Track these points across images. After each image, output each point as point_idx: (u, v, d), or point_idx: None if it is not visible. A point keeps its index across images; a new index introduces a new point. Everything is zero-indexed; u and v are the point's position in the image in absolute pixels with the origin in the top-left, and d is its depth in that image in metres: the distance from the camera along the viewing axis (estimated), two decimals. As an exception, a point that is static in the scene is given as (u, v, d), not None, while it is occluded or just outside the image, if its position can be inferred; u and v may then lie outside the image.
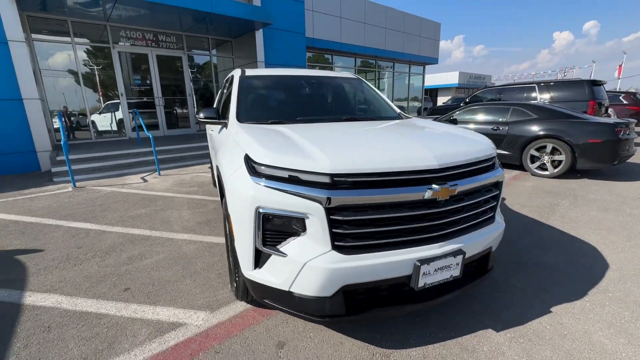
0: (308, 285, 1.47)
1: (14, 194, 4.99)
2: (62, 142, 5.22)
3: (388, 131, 2.16)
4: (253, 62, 9.67)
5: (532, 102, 7.53)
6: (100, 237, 3.31)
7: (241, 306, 2.13)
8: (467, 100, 11.02)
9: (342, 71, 3.40)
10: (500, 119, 6.19)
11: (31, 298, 2.26)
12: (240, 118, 2.43)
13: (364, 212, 1.46)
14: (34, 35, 7.42)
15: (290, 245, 1.51)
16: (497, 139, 6.03)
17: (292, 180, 1.48)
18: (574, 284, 2.33)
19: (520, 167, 5.93)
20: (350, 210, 1.45)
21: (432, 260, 1.53)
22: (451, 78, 35.39)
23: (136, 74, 9.10)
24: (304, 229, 1.47)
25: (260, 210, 1.50)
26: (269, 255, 1.56)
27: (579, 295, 2.20)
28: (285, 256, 1.50)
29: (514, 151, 5.87)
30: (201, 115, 2.65)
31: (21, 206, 4.34)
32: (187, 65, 9.71)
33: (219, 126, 2.81)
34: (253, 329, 1.92)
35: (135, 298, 2.25)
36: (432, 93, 37.52)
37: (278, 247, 1.53)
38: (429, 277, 1.56)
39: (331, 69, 14.07)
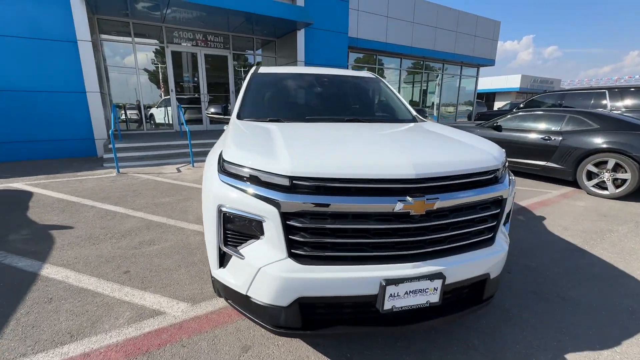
0: (262, 292, 1.40)
1: (69, 175, 5.64)
2: (110, 132, 5.78)
3: (382, 134, 1.99)
4: (293, 61, 9.81)
5: (596, 109, 6.55)
6: (123, 221, 3.57)
7: (221, 302, 2.12)
8: (522, 105, 10.00)
9: (362, 70, 3.25)
10: (553, 128, 5.47)
11: (47, 270, 2.50)
12: (241, 115, 2.43)
13: (324, 220, 1.34)
14: (102, 36, 8.35)
15: (249, 248, 1.44)
16: (548, 150, 5.35)
17: (253, 180, 1.41)
18: (604, 328, 1.93)
19: (574, 184, 5.19)
20: (308, 216, 1.34)
21: (402, 282, 1.36)
22: (512, 81, 32.52)
23: (186, 71, 9.77)
24: (262, 233, 1.40)
25: (222, 209, 1.46)
26: (230, 256, 1.51)
27: (609, 344, 1.81)
28: (243, 259, 1.44)
29: (567, 165, 5.14)
30: (210, 110, 2.71)
31: (70, 187, 4.89)
32: (232, 64, 10.17)
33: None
34: (225, 328, 1.89)
35: (130, 281, 2.37)
36: (488, 97, 34.86)
37: (238, 248, 1.48)
38: (398, 300, 1.38)
39: (376, 70, 13.75)
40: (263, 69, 3.00)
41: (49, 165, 6.45)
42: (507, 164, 1.82)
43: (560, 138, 5.24)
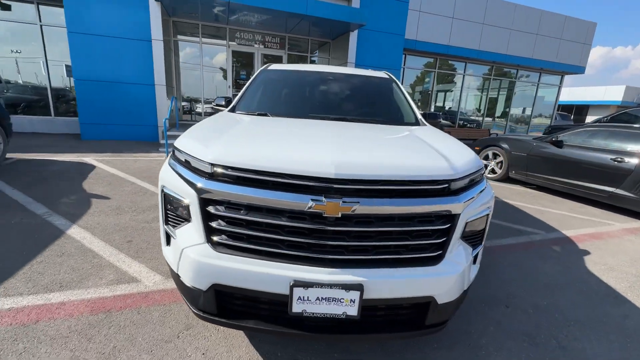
0: (185, 273, 1.45)
1: (128, 155, 6.51)
2: (164, 120, 6.51)
3: (350, 134, 1.89)
4: (344, 62, 9.81)
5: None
6: (151, 197, 4.00)
7: (190, 282, 2.25)
8: (605, 119, 8.49)
9: (377, 70, 3.13)
10: (628, 148, 4.53)
11: (72, 230, 2.94)
12: (236, 107, 2.54)
13: (238, 210, 1.34)
14: (178, 37, 9.44)
15: (180, 230, 1.51)
16: (618, 174, 4.46)
17: (186, 164, 1.48)
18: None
19: (650, 219, 4.24)
20: (225, 205, 1.35)
21: (312, 286, 1.28)
22: (613, 93, 27.77)
23: (243, 69, 10.48)
24: (189, 216, 1.46)
25: (164, 190, 1.56)
26: (170, 235, 1.60)
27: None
28: (175, 239, 1.52)
29: (641, 194, 4.23)
30: (216, 102, 2.88)
31: (125, 165, 5.65)
32: (286, 63, 10.60)
33: None
34: (180, 305, 2.00)
35: (128, 250, 2.65)
36: (580, 111, 30.28)
37: (174, 228, 1.56)
38: (309, 305, 1.31)
39: (435, 75, 12.97)
40: (273, 66, 3.09)
41: (119, 145, 7.53)
42: (478, 177, 1.58)
43: (638, 161, 4.32)
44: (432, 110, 13.78)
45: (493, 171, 6.49)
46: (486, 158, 6.62)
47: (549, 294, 2.43)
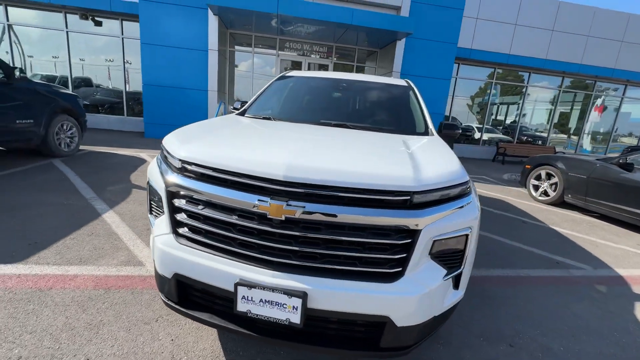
0: (156, 260, 1.56)
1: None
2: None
3: (332, 140, 1.87)
4: (389, 72, 9.65)
5: None
6: (182, 192, 4.36)
7: (186, 272, 2.40)
8: None
9: (397, 77, 3.05)
10: None
11: (107, 214, 3.34)
12: (246, 111, 2.66)
13: (197, 205, 1.40)
14: (233, 47, 10.23)
15: (157, 220, 1.63)
16: None
17: (164, 160, 1.59)
18: None
19: None
20: (186, 199, 1.43)
21: (254, 287, 1.28)
22: None
23: (290, 77, 10.91)
24: (162, 208, 1.56)
25: (149, 182, 1.70)
26: (150, 224, 1.73)
27: None
28: (152, 227, 1.64)
29: None
30: (232, 106, 3.06)
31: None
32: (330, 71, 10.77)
33: None
34: (170, 291, 2.14)
35: (144, 236, 2.92)
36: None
37: (154, 219, 1.68)
38: (253, 306, 1.31)
39: (492, 85, 12.03)
40: (291, 72, 3.17)
41: (173, 144, 8.34)
42: (456, 193, 1.43)
43: None
44: (490, 124, 12.78)
45: (545, 193, 5.77)
46: (538, 178, 5.91)
47: (572, 339, 2.07)
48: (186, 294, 1.52)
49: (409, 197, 1.29)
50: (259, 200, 1.26)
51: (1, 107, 4.44)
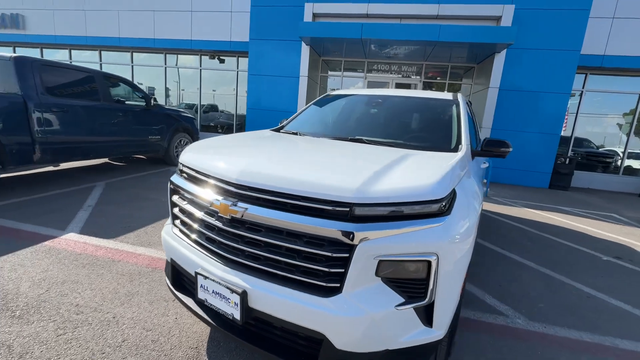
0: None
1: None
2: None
3: (324, 152, 1.89)
4: (485, 87, 8.65)
5: None
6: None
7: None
8: None
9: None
10: None
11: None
12: (283, 127, 2.90)
13: (183, 200, 1.65)
14: (321, 73, 11.08)
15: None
16: None
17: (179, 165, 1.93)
18: None
19: None
20: (178, 195, 1.70)
21: (207, 278, 1.42)
22: None
23: (376, 98, 11.00)
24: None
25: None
26: (174, 217, 2.09)
27: None
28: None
29: None
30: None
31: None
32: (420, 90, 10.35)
33: None
34: (195, 279, 2.48)
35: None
36: None
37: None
38: (208, 296, 1.45)
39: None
40: (335, 91, 3.29)
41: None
42: (421, 210, 1.25)
43: None
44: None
45: None
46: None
47: None
48: (179, 278, 1.77)
49: (348, 209, 1.22)
50: (215, 199, 1.42)
51: (142, 126, 6.02)
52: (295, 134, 2.59)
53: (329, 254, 1.21)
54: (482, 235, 4.14)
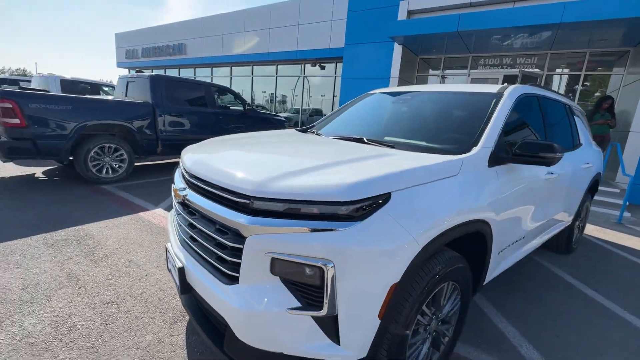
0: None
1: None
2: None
3: (306, 149, 1.87)
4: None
5: None
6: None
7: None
8: None
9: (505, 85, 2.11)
10: None
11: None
12: (312, 127, 2.98)
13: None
14: (427, 72, 10.41)
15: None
16: None
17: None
18: None
19: None
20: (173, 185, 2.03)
21: (169, 252, 1.67)
22: None
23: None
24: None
25: None
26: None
27: None
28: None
29: None
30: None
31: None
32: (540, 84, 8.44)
33: None
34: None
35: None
36: None
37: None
38: (172, 267, 1.69)
39: None
40: (373, 90, 3.12)
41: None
42: (326, 211, 1.15)
43: None
44: None
45: None
46: None
47: None
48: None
49: (248, 201, 1.23)
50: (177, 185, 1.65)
51: (239, 125, 7.10)
52: (314, 133, 2.63)
53: (229, 243, 1.26)
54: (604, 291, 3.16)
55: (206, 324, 1.47)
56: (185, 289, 1.52)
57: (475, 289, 1.88)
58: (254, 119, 7.35)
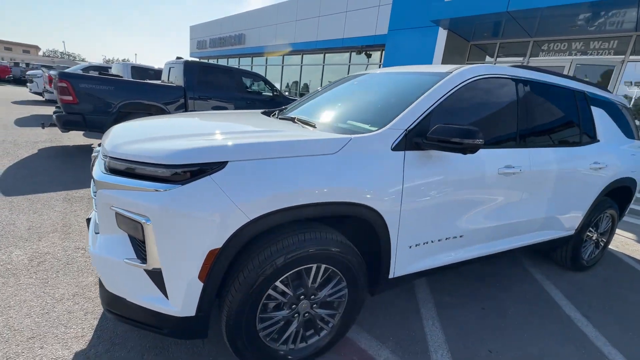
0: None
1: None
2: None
3: (203, 123, 1.94)
4: None
5: None
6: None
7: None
8: None
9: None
10: None
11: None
12: (287, 109, 3.01)
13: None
14: (486, 58, 9.45)
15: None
16: None
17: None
18: None
19: None
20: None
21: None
22: None
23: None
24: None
25: None
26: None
27: None
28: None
29: None
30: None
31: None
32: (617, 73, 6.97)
33: None
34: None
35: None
36: None
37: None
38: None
39: None
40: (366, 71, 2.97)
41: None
42: (139, 168, 1.26)
43: None
44: None
45: None
46: None
47: None
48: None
49: (105, 160, 1.38)
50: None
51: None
52: (274, 115, 2.67)
53: (93, 197, 1.43)
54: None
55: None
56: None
57: (377, 281, 1.77)
58: (281, 104, 7.59)
